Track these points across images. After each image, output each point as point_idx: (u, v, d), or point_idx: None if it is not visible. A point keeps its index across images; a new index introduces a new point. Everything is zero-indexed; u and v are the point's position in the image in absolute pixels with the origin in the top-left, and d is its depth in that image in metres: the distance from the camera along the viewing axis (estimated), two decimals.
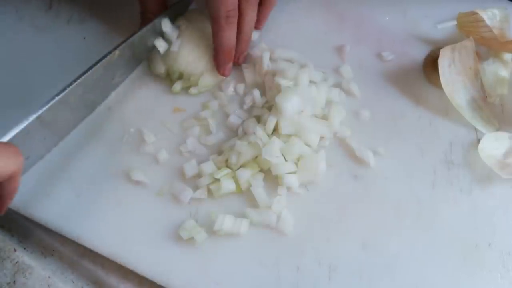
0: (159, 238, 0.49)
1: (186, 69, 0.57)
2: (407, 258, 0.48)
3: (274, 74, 0.56)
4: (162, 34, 0.57)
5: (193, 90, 0.57)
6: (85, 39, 0.62)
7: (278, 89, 0.54)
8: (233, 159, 0.51)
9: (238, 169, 0.51)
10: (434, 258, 0.48)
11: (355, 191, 0.52)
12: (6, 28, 0.63)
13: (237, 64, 0.59)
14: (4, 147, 0.39)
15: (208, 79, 0.58)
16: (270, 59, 0.58)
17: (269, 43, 0.60)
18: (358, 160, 0.53)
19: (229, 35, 0.55)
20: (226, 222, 0.49)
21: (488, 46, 0.58)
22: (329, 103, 0.56)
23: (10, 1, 0.65)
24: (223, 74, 0.58)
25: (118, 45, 0.53)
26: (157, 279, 0.48)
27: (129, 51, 0.55)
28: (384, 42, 0.61)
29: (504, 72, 0.57)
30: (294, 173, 0.51)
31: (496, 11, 0.59)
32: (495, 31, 0.57)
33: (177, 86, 0.57)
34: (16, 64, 0.60)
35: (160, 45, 0.57)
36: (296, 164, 0.52)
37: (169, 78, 0.58)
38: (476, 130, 0.55)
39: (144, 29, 0.55)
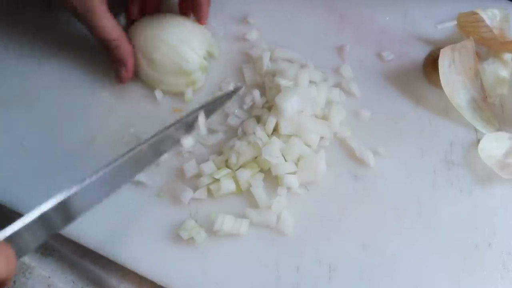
0: (159, 238, 0.49)
1: (166, 75, 0.57)
2: (407, 258, 0.48)
3: (274, 74, 0.56)
4: (190, 129, 0.53)
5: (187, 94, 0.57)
6: (85, 39, 0.62)
7: (278, 89, 0.54)
8: (233, 159, 0.51)
9: (238, 169, 0.51)
10: (434, 258, 0.48)
11: (355, 191, 0.52)
12: (6, 28, 0.63)
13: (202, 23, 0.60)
14: None
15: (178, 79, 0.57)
16: (270, 59, 0.58)
17: (269, 43, 0.60)
18: (358, 160, 0.53)
19: None
20: (226, 222, 0.49)
21: (488, 46, 0.58)
22: (329, 103, 0.56)
23: (10, 1, 0.65)
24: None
25: (147, 140, 0.48)
26: (157, 279, 0.48)
27: (156, 145, 0.50)
28: (384, 42, 0.61)
29: (504, 72, 0.57)
30: (294, 173, 0.51)
31: (496, 11, 0.59)
32: (495, 31, 0.56)
33: (189, 93, 0.57)
34: (16, 65, 0.60)
35: (188, 142, 0.52)
36: (296, 164, 0.52)
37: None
38: (476, 130, 0.55)
39: (176, 125, 0.51)
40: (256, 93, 0.56)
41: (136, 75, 0.59)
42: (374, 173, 0.53)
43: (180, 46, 0.56)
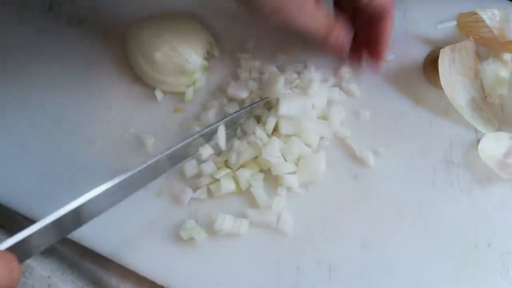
0: (159, 238, 0.49)
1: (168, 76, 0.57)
2: (407, 258, 0.48)
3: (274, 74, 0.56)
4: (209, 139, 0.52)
5: (187, 94, 0.57)
6: (85, 39, 0.62)
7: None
8: (233, 159, 0.51)
9: (238, 169, 0.51)
10: (434, 258, 0.48)
11: (355, 191, 0.52)
12: (6, 29, 0.63)
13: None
14: None
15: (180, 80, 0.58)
16: (270, 59, 0.58)
17: (270, 43, 0.60)
18: (358, 160, 0.53)
19: None
20: (226, 222, 0.49)
21: (488, 46, 0.58)
22: (329, 103, 0.56)
23: (10, 2, 0.65)
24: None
25: (165, 150, 0.48)
26: (157, 279, 0.48)
27: (174, 155, 0.50)
28: None
29: (504, 72, 0.57)
30: (294, 173, 0.51)
31: (496, 11, 0.59)
32: (495, 31, 0.56)
33: (189, 93, 0.57)
34: (16, 65, 0.60)
35: (206, 152, 0.51)
36: (296, 164, 0.52)
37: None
38: (476, 130, 0.55)
39: (194, 136, 0.50)
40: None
41: (136, 75, 0.59)
42: (374, 173, 0.53)
43: (181, 46, 0.56)
